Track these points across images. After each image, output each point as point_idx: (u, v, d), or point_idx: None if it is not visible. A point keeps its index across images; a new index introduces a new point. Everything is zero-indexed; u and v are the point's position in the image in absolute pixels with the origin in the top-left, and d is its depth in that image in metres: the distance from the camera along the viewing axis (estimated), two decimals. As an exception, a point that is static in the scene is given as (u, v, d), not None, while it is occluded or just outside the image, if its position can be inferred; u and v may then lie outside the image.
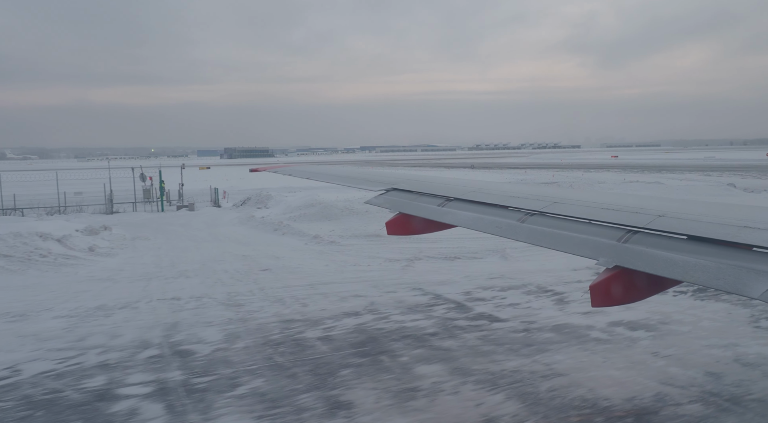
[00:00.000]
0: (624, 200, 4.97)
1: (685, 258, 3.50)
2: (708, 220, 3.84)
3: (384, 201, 6.98)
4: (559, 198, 5.23)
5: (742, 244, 3.39)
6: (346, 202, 27.73)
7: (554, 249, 4.45)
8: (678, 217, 4.04)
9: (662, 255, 3.62)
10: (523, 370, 8.45)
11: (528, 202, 5.24)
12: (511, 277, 14.58)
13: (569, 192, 6.23)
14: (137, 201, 34.83)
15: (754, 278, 3.10)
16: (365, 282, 14.31)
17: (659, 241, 3.80)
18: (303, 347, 9.65)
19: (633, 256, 3.76)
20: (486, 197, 5.75)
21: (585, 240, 4.26)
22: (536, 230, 4.71)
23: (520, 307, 11.85)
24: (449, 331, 10.37)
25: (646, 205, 4.56)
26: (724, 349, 9.17)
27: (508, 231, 4.92)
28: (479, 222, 5.29)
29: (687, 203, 4.72)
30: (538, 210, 4.95)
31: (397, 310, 11.76)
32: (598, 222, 4.37)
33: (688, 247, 3.61)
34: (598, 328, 10.40)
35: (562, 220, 4.67)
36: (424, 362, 8.86)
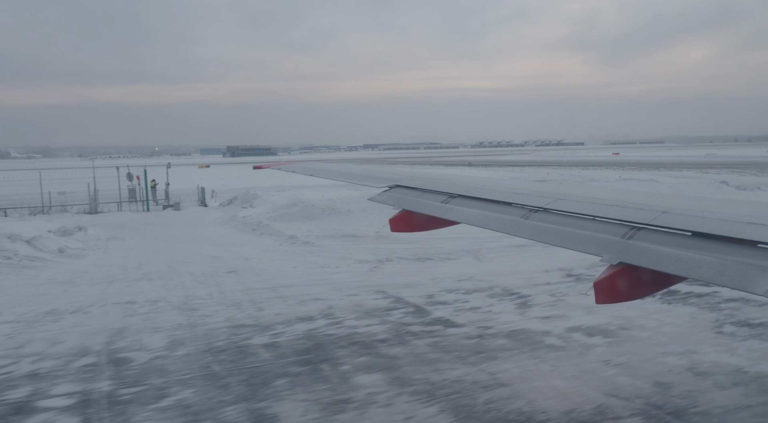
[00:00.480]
0: (628, 197, 4.93)
1: (690, 254, 3.48)
2: (713, 217, 3.81)
3: (387, 198, 6.93)
4: (563, 194, 5.19)
5: (747, 240, 3.36)
6: (328, 201, 27.41)
7: (558, 246, 4.41)
8: (683, 213, 4.00)
9: (667, 251, 3.61)
10: (465, 380, 8.10)
11: (532, 199, 5.19)
12: (479, 279, 14.22)
13: (573, 188, 6.11)
14: (123, 201, 34.53)
15: (760, 275, 3.06)
16: (329, 284, 13.97)
17: (664, 237, 3.78)
18: (245, 355, 9.31)
19: (637, 253, 3.74)
20: (490, 194, 5.73)
21: (589, 236, 4.22)
22: (540, 227, 4.66)
23: (480, 312, 11.49)
24: (400, 338, 10.02)
25: (651, 201, 4.53)
26: (679, 357, 8.79)
27: (512, 227, 4.86)
28: (483, 218, 5.26)
29: (692, 199, 4.65)
30: (541, 206, 4.91)
31: (353, 315, 11.41)
32: (602, 218, 4.34)
33: (692, 244, 3.58)
34: (554, 334, 10.04)
35: (566, 217, 4.63)
36: (365, 371, 8.51)
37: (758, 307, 11.28)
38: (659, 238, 3.80)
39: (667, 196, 4.99)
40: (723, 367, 8.36)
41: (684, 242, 3.65)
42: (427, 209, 6.10)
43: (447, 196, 6.09)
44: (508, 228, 4.90)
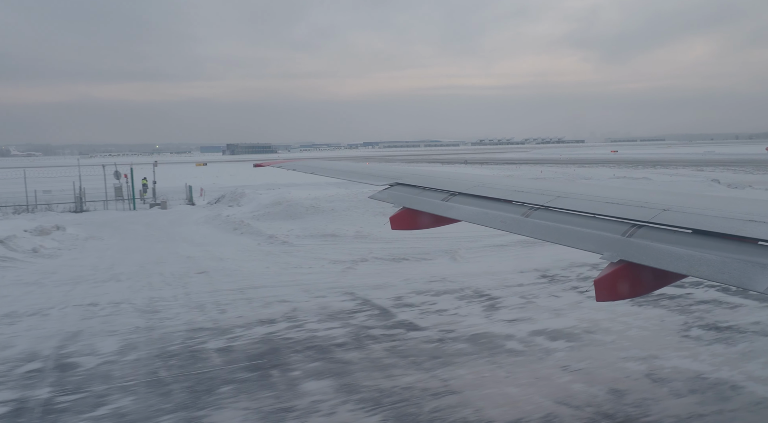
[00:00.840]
0: (629, 194, 4.90)
1: (690, 252, 3.48)
2: (713, 214, 3.81)
3: (388, 196, 6.92)
4: (563, 192, 5.18)
5: (748, 237, 3.35)
6: (313, 200, 27.15)
7: (559, 243, 4.38)
8: (683, 211, 4.00)
9: (667, 249, 3.61)
10: (415, 387, 7.85)
11: (532, 197, 5.19)
12: (451, 280, 13.97)
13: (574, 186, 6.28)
14: (109, 199, 34.27)
15: (760, 272, 3.06)
16: (299, 286, 13.72)
17: (664, 235, 3.78)
18: (196, 360, 9.07)
19: (638, 251, 3.73)
20: (490, 192, 5.72)
21: (589, 234, 4.21)
22: (540, 225, 4.65)
23: (446, 314, 11.24)
24: (359, 342, 9.77)
25: (651, 199, 4.53)
26: (640, 363, 8.54)
27: (513, 225, 4.85)
28: (483, 217, 5.24)
29: (692, 197, 4.65)
30: (542, 204, 4.91)
31: (315, 318, 11.17)
32: (602, 216, 4.34)
33: (692, 241, 3.57)
34: (517, 338, 9.80)
35: (566, 215, 4.62)
36: (315, 377, 8.26)
37: (729, 309, 11.03)
38: (660, 235, 3.79)
39: (667, 194, 4.95)
40: (683, 374, 8.11)
41: (684, 240, 3.63)
42: (428, 207, 6.08)
43: (447, 194, 6.07)
44: (508, 226, 4.89)
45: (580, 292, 12.63)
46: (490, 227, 5.08)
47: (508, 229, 4.87)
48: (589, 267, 14.88)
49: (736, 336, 9.56)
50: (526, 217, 4.85)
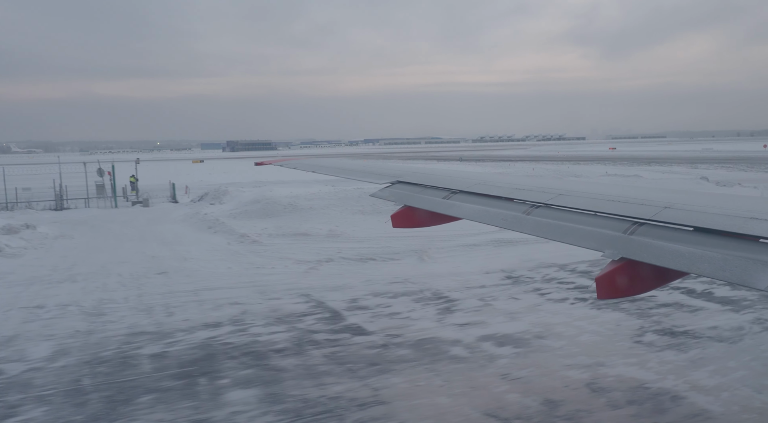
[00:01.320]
0: (630, 192, 4.88)
1: (691, 249, 3.46)
2: (714, 212, 3.79)
3: (389, 194, 6.90)
4: (564, 190, 5.16)
5: (749, 235, 3.34)
6: (292, 198, 26.79)
7: (560, 241, 4.34)
8: (684, 208, 3.99)
9: (668, 247, 3.59)
10: (344, 397, 7.50)
11: (533, 194, 5.16)
12: (413, 281, 13.61)
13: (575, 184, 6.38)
14: (92, 197, 33.91)
15: (761, 270, 3.05)
16: (256, 287, 13.36)
17: (665, 232, 3.76)
18: (125, 367, 8.72)
19: (639, 248, 3.72)
20: (491, 190, 5.70)
21: (590, 232, 4.18)
22: (541, 222, 4.63)
23: (397, 318, 10.89)
24: (299, 347, 9.42)
25: (652, 196, 4.51)
26: (584, 370, 8.19)
27: (514, 223, 4.83)
28: (484, 214, 5.23)
29: (693, 195, 4.63)
30: (543, 202, 4.89)
31: (263, 321, 10.82)
32: (603, 214, 4.32)
33: (694, 239, 3.56)
34: (464, 343, 9.45)
35: (567, 212, 4.60)
36: (242, 386, 7.92)
37: (689, 313, 10.67)
38: (661, 233, 3.77)
39: (668, 192, 4.92)
40: (625, 383, 7.76)
41: (686, 237, 3.61)
42: (429, 205, 6.04)
43: (448, 192, 6.04)
44: (509, 224, 4.86)
45: (541, 294, 12.27)
46: (491, 225, 5.07)
47: (508, 227, 4.84)
48: (557, 268, 14.52)
49: (689, 342, 9.20)
50: (527, 214, 4.82)
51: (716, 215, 3.73)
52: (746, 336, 9.37)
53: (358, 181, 8.53)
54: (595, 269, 14.24)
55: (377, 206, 26.10)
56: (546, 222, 4.62)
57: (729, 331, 9.65)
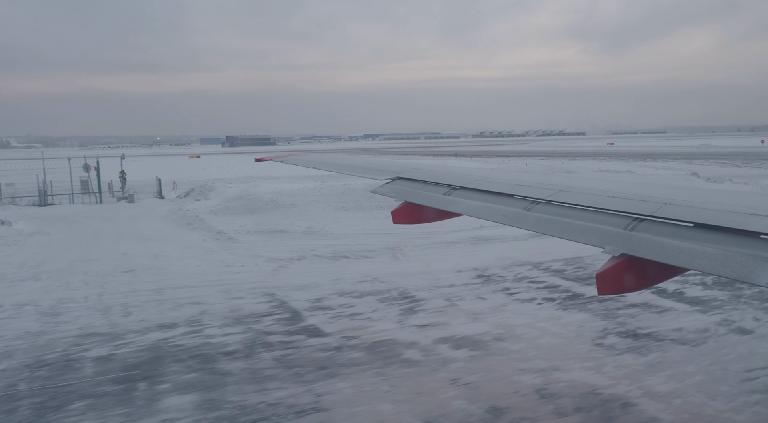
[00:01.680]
0: (630, 188, 4.89)
1: (692, 246, 3.46)
2: (715, 208, 3.79)
3: (390, 190, 6.84)
4: (565, 186, 5.15)
5: (750, 231, 3.33)
6: (275, 194, 26.49)
7: (560, 237, 4.32)
8: (685, 204, 3.97)
9: (669, 243, 3.59)
10: (283, 404, 7.24)
11: (534, 191, 5.15)
12: (382, 280, 13.33)
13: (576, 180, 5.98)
14: (77, 193, 33.61)
15: (762, 266, 3.04)
16: (222, 286, 13.08)
17: (666, 229, 3.75)
18: (68, 370, 8.45)
19: (639, 244, 3.72)
20: (492, 186, 5.69)
21: (591, 228, 4.17)
22: (542, 219, 4.62)
23: (358, 319, 10.61)
24: (250, 350, 9.15)
25: (653, 192, 4.49)
26: (537, 375, 7.92)
27: (514, 219, 4.82)
28: (485, 210, 5.22)
29: (694, 191, 4.63)
30: (544, 198, 4.88)
31: (220, 322, 10.54)
32: (604, 210, 4.31)
33: (694, 235, 3.55)
34: (420, 345, 9.17)
35: (568, 209, 4.60)
36: (182, 391, 7.65)
37: (656, 314, 10.40)
38: (661, 229, 3.76)
39: (669, 188, 4.92)
40: (577, 388, 7.49)
41: (686, 234, 3.61)
42: (429, 201, 6.03)
43: (449, 188, 6.03)
44: (510, 220, 4.85)
45: (510, 294, 11.99)
46: (492, 221, 5.05)
47: (509, 223, 4.83)
48: (531, 266, 14.24)
49: (651, 345, 8.93)
50: (527, 211, 4.81)
51: (717, 211, 3.72)
52: (710, 339, 9.10)
53: (359, 177, 8.42)
54: (570, 268, 13.97)
55: (361, 203, 25.84)
56: (546, 218, 4.60)
57: (693, 333, 9.38)
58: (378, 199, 26.05)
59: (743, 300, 11.02)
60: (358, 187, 27.70)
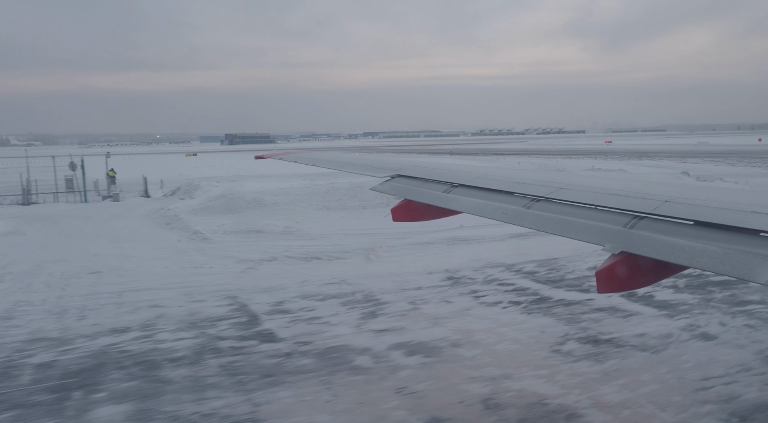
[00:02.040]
0: (630, 186, 4.88)
1: (692, 243, 3.46)
2: (715, 206, 3.79)
3: (389, 187, 6.84)
4: (564, 184, 5.15)
5: (750, 229, 3.33)
6: (257, 193, 26.23)
7: (560, 235, 4.32)
8: (685, 202, 3.97)
9: (669, 240, 3.58)
10: (217, 414, 6.98)
11: (533, 188, 5.17)
12: (350, 282, 13.05)
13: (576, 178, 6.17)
14: (61, 191, 33.34)
15: (762, 264, 3.04)
16: (185, 288, 12.80)
17: (666, 226, 3.75)
18: (4, 378, 8.18)
19: (639, 242, 3.71)
20: (491, 183, 5.69)
21: (591, 226, 4.17)
22: (542, 216, 4.62)
23: (316, 323, 10.34)
24: (197, 356, 8.87)
25: (653, 190, 4.50)
26: (486, 384, 7.64)
27: (514, 217, 4.82)
28: (484, 208, 5.22)
29: (694, 188, 4.66)
30: (543, 196, 4.89)
31: (174, 326, 10.27)
32: (604, 208, 4.32)
33: (694, 233, 3.55)
34: (373, 352, 8.90)
35: (567, 206, 4.60)
36: (115, 401, 7.37)
37: (622, 318, 10.13)
38: (661, 227, 3.76)
39: (669, 185, 4.93)
40: (524, 399, 7.21)
41: (686, 231, 3.61)
42: (429, 199, 6.04)
43: (449, 186, 6.05)
44: (509, 217, 4.85)
45: (476, 296, 11.71)
46: (492, 219, 5.04)
47: (509, 221, 4.83)
48: (504, 268, 13.96)
49: (610, 351, 8.65)
50: (527, 208, 4.80)
51: (717, 209, 3.72)
52: (671, 345, 8.82)
53: (358, 174, 8.34)
54: (542, 270, 13.69)
55: (344, 202, 25.57)
56: (546, 216, 4.60)
57: (656, 338, 9.10)
58: (361, 199, 25.81)
59: (712, 304, 10.74)
60: (343, 186, 27.45)
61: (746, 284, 11.92)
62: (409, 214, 6.27)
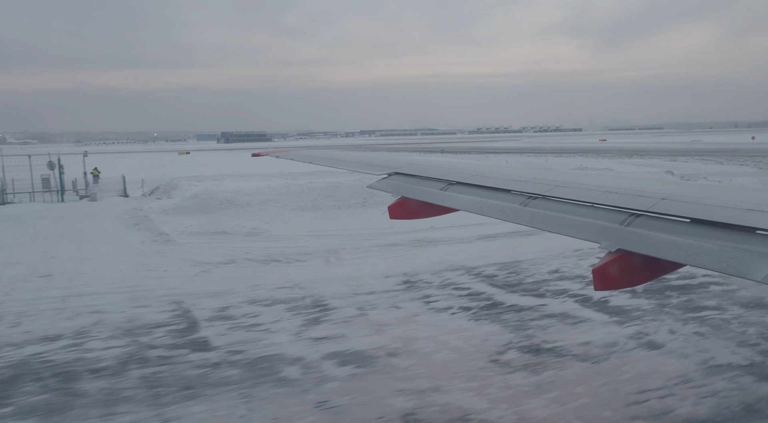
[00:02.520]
0: (627, 183, 4.90)
1: (688, 241, 3.46)
2: (711, 203, 3.80)
3: (386, 185, 6.79)
4: (561, 181, 5.16)
5: (746, 226, 3.34)
6: (231, 193, 25.82)
7: (557, 233, 4.33)
8: (681, 200, 3.99)
9: (665, 238, 3.58)
10: (121, 431, 6.58)
11: (530, 186, 5.15)
12: (304, 286, 12.68)
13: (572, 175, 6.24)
14: (39, 191, 32.92)
15: (758, 261, 3.04)
16: (133, 293, 12.43)
17: (662, 224, 3.75)
18: None
19: (636, 240, 3.72)
20: (488, 181, 5.66)
21: (588, 223, 4.17)
22: (538, 214, 4.61)
23: (255, 330, 9.98)
24: (121, 367, 8.50)
25: (650, 188, 4.52)
26: (411, 398, 7.30)
27: (511, 215, 4.80)
28: (481, 206, 5.19)
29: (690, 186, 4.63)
30: (540, 193, 4.88)
31: (108, 334, 9.90)
32: (600, 205, 4.31)
33: (691, 230, 3.56)
34: (305, 361, 8.55)
35: (564, 204, 4.58)
36: (19, 416, 7.03)
37: (570, 325, 9.78)
38: (658, 224, 3.77)
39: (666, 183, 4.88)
40: (447, 413, 6.87)
41: (683, 229, 3.61)
42: (426, 196, 6.01)
43: (446, 184, 6.01)
44: (506, 215, 4.83)
45: (427, 302, 11.35)
46: (488, 217, 5.03)
47: (506, 219, 4.81)
48: (463, 271, 13.61)
49: (549, 361, 8.30)
50: (524, 206, 4.79)
51: (713, 207, 3.72)
52: (614, 354, 8.48)
53: (355, 172, 8.21)
54: (503, 273, 13.34)
55: (319, 202, 25.20)
56: (543, 213, 4.59)
57: (600, 347, 8.75)
58: (337, 199, 25.46)
59: (667, 310, 10.40)
60: (319, 186, 27.05)
61: (706, 289, 11.59)
62: (406, 212, 6.24)
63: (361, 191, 25.92)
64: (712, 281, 11.97)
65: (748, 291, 11.31)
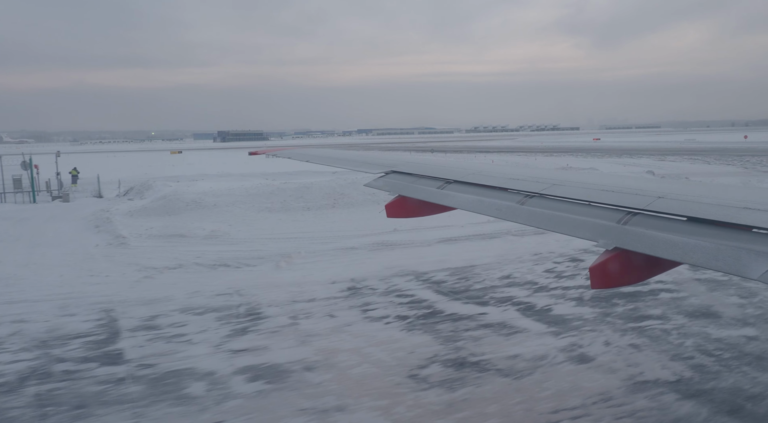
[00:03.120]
0: (624, 182, 4.87)
1: (685, 239, 3.45)
2: (708, 202, 3.78)
3: (383, 184, 6.79)
4: (558, 180, 5.11)
5: (742, 225, 3.32)
6: (197, 194, 25.30)
7: (554, 231, 4.32)
8: (678, 198, 3.99)
9: (662, 236, 3.56)
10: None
11: (527, 184, 5.13)
12: (244, 293, 12.23)
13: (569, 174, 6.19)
14: (10, 191, 32.39)
15: (754, 259, 3.03)
16: (64, 301, 11.95)
17: (659, 222, 3.74)
18: None
19: (633, 238, 3.70)
20: (485, 179, 5.65)
21: (585, 222, 4.16)
22: (536, 212, 4.59)
23: (176, 341, 9.53)
24: (20, 382, 8.04)
25: (646, 186, 4.50)
26: (312, 418, 6.88)
27: (508, 213, 4.78)
28: (479, 204, 5.17)
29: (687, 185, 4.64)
30: (537, 192, 4.85)
31: (21, 345, 9.46)
32: (597, 204, 4.30)
33: (687, 229, 3.54)
34: (216, 376, 8.12)
35: (561, 202, 4.57)
36: None
37: (504, 336, 9.35)
38: (654, 223, 3.76)
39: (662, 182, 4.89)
40: (343, 437, 6.39)
41: (679, 227, 3.60)
42: (423, 195, 6.00)
43: (443, 182, 5.99)
44: (504, 214, 4.82)
45: (365, 310, 10.90)
46: (486, 215, 5.00)
47: (503, 217, 4.79)
48: (413, 277, 13.16)
49: (469, 377, 7.86)
50: (521, 204, 4.77)
51: (709, 205, 3.70)
52: (540, 369, 8.03)
53: (352, 171, 8.29)
54: (452, 279, 12.89)
55: (288, 203, 24.73)
56: (540, 212, 4.56)
57: (527, 361, 8.31)
58: (306, 200, 25.01)
59: (609, 319, 9.95)
60: (290, 187, 26.56)
61: (655, 296, 11.15)
62: (404, 211, 6.23)
63: (333, 193, 25.48)
64: (663, 288, 11.54)
65: (697, 299, 10.88)
